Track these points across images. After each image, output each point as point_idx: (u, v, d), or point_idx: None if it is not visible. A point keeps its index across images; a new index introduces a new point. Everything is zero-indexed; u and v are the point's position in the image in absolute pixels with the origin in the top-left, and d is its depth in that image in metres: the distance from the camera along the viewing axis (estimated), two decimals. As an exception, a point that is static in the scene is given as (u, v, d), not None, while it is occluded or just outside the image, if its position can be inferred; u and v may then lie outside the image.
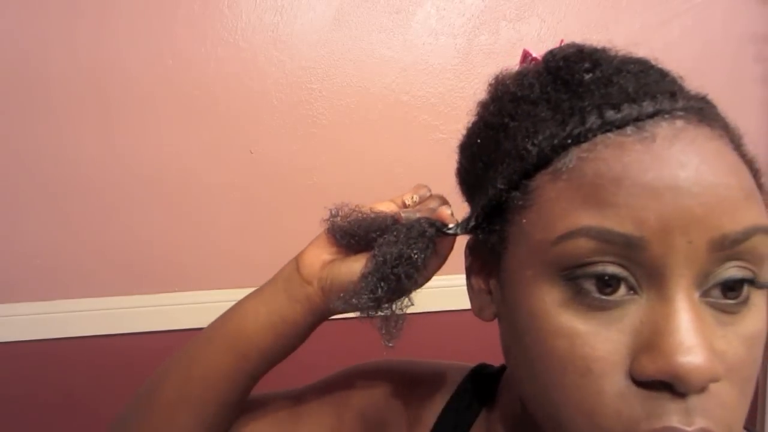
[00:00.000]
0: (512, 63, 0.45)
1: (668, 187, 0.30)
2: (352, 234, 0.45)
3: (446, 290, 1.08)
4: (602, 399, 0.31)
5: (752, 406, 0.38)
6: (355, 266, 0.44)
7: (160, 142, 1.06)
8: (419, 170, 1.11)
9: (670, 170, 0.31)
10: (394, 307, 0.43)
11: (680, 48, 1.21)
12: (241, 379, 0.48)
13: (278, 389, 0.59)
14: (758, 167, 0.35)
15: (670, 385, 0.29)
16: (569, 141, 0.34)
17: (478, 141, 0.41)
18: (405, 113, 1.13)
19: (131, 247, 1.07)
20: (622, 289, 0.32)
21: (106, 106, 1.04)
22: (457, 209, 0.44)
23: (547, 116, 0.36)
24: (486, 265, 0.41)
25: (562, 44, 0.41)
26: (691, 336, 0.29)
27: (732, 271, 0.31)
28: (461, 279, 0.45)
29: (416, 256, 0.41)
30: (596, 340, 0.31)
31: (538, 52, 0.43)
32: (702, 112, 0.34)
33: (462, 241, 0.45)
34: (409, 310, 0.44)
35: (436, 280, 0.46)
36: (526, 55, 0.44)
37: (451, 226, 0.42)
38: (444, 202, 0.46)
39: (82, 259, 1.06)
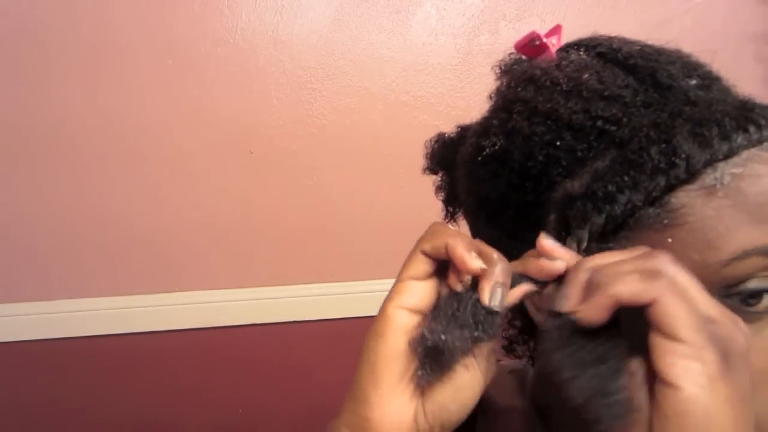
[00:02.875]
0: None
1: None
2: (444, 348, 0.32)
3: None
4: (766, 405, 0.32)
5: None
6: (463, 394, 0.34)
7: (160, 142, 1.06)
8: (419, 170, 1.11)
9: None
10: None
11: (680, 48, 1.21)
12: None
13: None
14: None
15: None
16: (720, 156, 0.33)
17: (557, 143, 0.37)
18: (405, 113, 1.13)
19: (131, 247, 1.07)
20: (765, 299, 0.33)
21: (106, 105, 1.04)
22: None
23: (672, 125, 0.34)
24: None
25: (588, 38, 0.41)
26: None
27: None
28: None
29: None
30: (754, 353, 0.32)
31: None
32: None
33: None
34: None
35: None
36: (534, 37, 0.42)
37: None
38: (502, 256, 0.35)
39: (82, 259, 1.06)
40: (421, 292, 0.35)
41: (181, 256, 1.08)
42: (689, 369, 0.26)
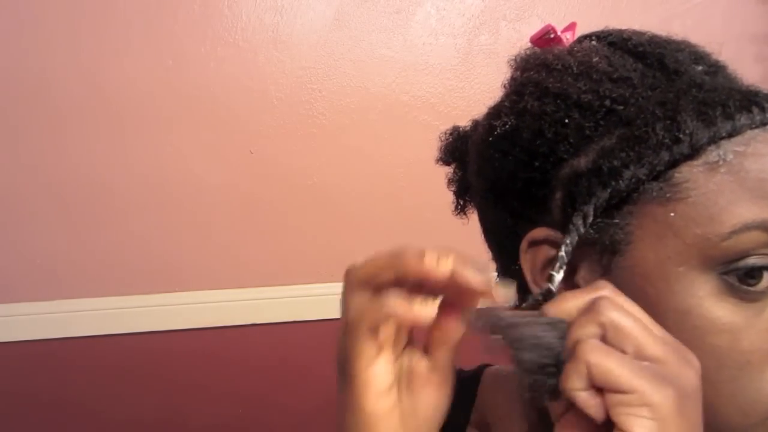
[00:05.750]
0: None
1: None
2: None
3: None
4: (760, 387, 0.33)
5: None
6: (436, 411, 0.34)
7: (161, 142, 1.06)
8: (419, 170, 1.11)
9: None
10: None
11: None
12: None
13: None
14: None
15: None
16: (723, 134, 0.34)
17: (566, 121, 0.37)
18: (405, 113, 1.13)
19: (131, 247, 1.07)
20: (765, 278, 0.33)
21: (106, 105, 1.04)
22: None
23: (677, 104, 0.35)
24: (581, 263, 0.38)
25: (601, 30, 0.42)
26: None
27: None
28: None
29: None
30: (753, 332, 0.33)
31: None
32: None
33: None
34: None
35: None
36: (548, 30, 0.43)
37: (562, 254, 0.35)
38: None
39: (82, 259, 1.06)
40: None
41: (180, 256, 1.08)
42: (639, 415, 0.27)
